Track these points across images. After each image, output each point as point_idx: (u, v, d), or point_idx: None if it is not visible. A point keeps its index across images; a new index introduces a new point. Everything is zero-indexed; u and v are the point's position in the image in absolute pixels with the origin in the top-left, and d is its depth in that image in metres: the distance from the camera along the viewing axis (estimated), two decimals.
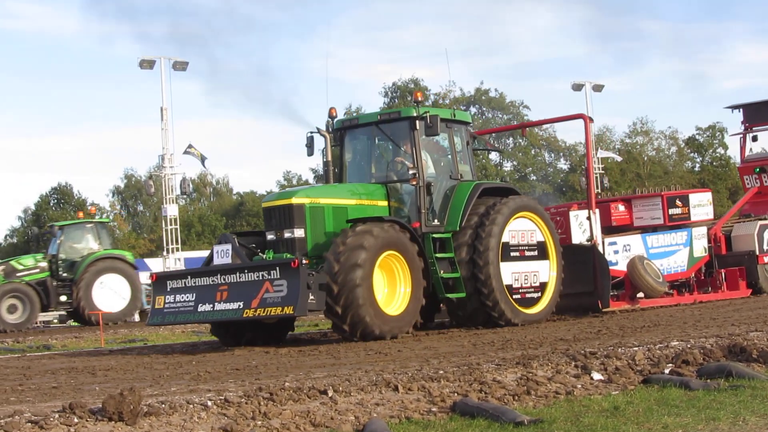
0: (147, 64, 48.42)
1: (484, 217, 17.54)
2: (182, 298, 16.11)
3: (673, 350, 10.63)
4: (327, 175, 18.72)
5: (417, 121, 17.40)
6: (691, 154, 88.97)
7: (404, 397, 8.50)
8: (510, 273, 17.68)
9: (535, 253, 18.28)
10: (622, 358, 10.20)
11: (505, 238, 17.59)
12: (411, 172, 17.34)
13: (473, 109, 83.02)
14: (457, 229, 17.48)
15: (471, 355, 12.04)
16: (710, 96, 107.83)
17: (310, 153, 18.70)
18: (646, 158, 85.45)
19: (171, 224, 49.57)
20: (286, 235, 16.45)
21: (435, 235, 17.34)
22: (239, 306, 15.26)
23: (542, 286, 18.30)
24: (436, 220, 17.51)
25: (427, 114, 17.20)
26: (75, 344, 23.02)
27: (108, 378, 12.14)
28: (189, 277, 16.32)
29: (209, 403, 7.99)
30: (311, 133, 18.58)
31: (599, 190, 56.83)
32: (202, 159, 49.84)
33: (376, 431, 7.32)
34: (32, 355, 18.64)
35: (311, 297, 14.88)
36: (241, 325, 16.53)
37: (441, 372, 9.59)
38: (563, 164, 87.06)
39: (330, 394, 8.45)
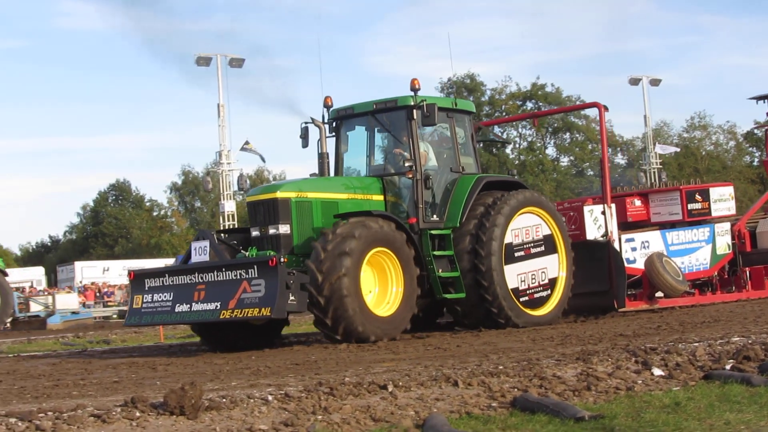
0: (203, 61, 48.73)
1: (484, 218, 16.58)
2: (160, 297, 15.19)
3: (734, 346, 10.53)
4: (321, 168, 17.61)
5: (414, 111, 16.48)
6: (750, 149, 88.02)
7: (464, 393, 8.48)
8: (515, 275, 16.78)
9: (542, 248, 17.30)
10: (683, 353, 10.11)
11: (508, 239, 16.68)
12: (407, 164, 16.40)
13: (529, 104, 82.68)
14: (458, 225, 16.56)
15: (530, 350, 12.00)
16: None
17: (305, 144, 17.70)
18: (704, 153, 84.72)
19: (228, 220, 49.93)
20: (271, 231, 15.50)
21: (433, 232, 16.47)
22: (216, 306, 14.35)
23: (552, 282, 17.40)
24: (435, 216, 16.59)
25: (424, 103, 16.26)
26: (134, 339, 23.25)
27: (168, 372, 12.24)
28: (167, 275, 15.33)
29: (270, 397, 8.03)
30: (305, 123, 17.68)
31: (656, 185, 56.67)
32: (261, 158, 50.13)
33: (436, 426, 7.30)
34: (93, 350, 18.83)
35: (291, 297, 13.92)
36: (222, 325, 15.45)
37: (500, 367, 9.57)
38: (621, 159, 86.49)
39: (390, 389, 8.45)
